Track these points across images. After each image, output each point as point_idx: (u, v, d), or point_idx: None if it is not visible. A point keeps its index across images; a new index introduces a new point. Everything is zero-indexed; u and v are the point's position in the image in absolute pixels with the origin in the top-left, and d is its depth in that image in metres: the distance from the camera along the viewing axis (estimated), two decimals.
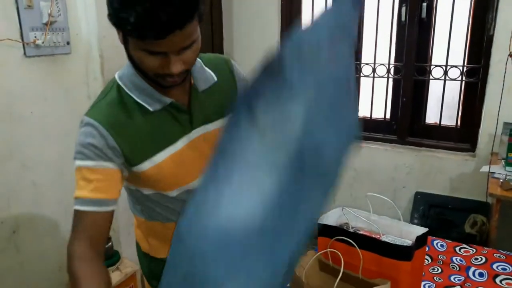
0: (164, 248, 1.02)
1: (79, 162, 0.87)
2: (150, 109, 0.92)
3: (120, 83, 0.93)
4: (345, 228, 1.20)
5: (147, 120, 0.92)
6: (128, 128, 0.90)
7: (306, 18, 3.03)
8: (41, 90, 1.87)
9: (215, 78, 1.02)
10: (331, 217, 1.26)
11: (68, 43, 1.92)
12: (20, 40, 1.73)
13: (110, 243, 2.10)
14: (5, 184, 1.78)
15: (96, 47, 2.02)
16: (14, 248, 1.84)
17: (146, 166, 0.92)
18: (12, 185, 1.80)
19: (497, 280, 1.55)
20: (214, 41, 3.05)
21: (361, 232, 1.22)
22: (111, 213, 0.91)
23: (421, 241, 1.15)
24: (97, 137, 0.87)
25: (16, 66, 1.75)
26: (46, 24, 1.78)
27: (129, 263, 2.16)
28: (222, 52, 3.09)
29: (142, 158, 0.92)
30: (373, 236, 1.17)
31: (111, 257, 2.09)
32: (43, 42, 1.79)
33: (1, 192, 1.77)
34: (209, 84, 1.01)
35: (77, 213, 0.87)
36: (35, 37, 1.76)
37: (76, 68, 2.00)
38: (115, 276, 2.05)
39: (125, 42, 0.84)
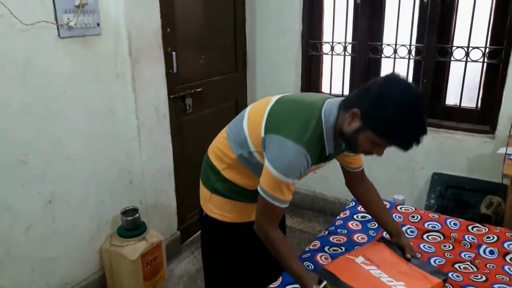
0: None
1: (291, 180, 1.25)
2: (327, 153, 1.33)
3: (324, 127, 1.29)
4: None
5: (323, 156, 1.34)
6: (317, 157, 1.31)
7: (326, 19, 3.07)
8: (74, 69, 1.97)
9: None
10: None
11: (98, 24, 2.01)
12: (55, 22, 1.82)
13: (137, 215, 2.22)
14: (41, 157, 1.90)
15: (124, 28, 2.10)
16: (50, 217, 1.98)
17: None
18: (47, 158, 1.93)
19: (507, 258, 1.59)
20: (237, 45, 3.08)
21: None
22: None
23: None
24: (305, 164, 1.26)
25: (51, 46, 1.85)
26: (78, 6, 1.87)
27: (155, 234, 2.27)
28: (245, 57, 3.16)
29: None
30: None
31: (138, 228, 2.21)
32: (75, 24, 1.88)
33: (38, 164, 1.89)
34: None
35: (277, 208, 1.28)
36: (68, 19, 1.86)
37: (105, 48, 2.09)
38: (142, 245, 2.17)
39: (360, 129, 1.21)
